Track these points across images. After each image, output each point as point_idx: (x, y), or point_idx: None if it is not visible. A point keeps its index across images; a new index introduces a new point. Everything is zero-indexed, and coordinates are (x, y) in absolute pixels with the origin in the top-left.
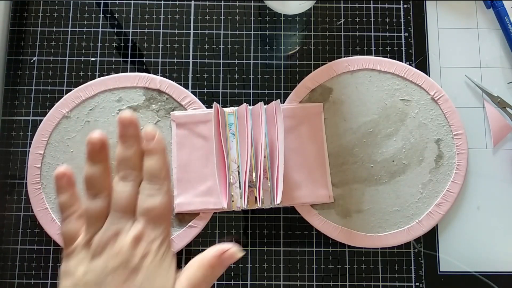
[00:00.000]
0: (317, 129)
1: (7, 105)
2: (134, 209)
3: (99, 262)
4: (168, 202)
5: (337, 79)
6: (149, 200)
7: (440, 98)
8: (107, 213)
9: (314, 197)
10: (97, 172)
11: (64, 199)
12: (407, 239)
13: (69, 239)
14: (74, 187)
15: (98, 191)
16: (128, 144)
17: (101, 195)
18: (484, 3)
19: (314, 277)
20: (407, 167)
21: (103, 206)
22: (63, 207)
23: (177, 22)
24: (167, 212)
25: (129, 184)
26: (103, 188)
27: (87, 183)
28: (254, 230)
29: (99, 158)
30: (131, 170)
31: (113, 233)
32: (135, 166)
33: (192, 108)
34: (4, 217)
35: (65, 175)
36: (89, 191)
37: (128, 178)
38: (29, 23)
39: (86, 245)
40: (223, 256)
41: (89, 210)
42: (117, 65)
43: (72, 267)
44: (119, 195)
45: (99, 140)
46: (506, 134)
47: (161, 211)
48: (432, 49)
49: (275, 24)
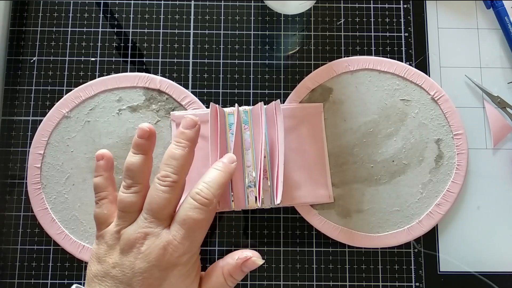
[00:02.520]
0: (317, 129)
1: (7, 105)
2: (168, 215)
3: (127, 259)
4: (210, 219)
5: (337, 79)
6: (192, 212)
7: (440, 98)
8: (139, 209)
9: (314, 197)
10: (137, 162)
11: (98, 180)
12: (407, 239)
13: (101, 222)
14: (110, 171)
15: (135, 182)
16: (183, 145)
17: (136, 188)
18: (484, 3)
19: (314, 277)
20: (407, 167)
21: (137, 201)
22: (97, 187)
23: (177, 22)
24: (205, 228)
25: (168, 190)
26: (140, 180)
27: (126, 172)
28: (254, 230)
29: (143, 148)
30: (174, 174)
31: (143, 234)
32: (182, 170)
33: (192, 108)
34: (4, 217)
35: (104, 156)
36: (126, 179)
37: (167, 181)
38: (29, 23)
39: (116, 234)
40: (244, 264)
41: (123, 201)
42: (117, 65)
43: (103, 253)
44: (155, 198)
45: (148, 129)
46: (506, 134)
47: (201, 225)
48: (432, 49)
49: (275, 24)
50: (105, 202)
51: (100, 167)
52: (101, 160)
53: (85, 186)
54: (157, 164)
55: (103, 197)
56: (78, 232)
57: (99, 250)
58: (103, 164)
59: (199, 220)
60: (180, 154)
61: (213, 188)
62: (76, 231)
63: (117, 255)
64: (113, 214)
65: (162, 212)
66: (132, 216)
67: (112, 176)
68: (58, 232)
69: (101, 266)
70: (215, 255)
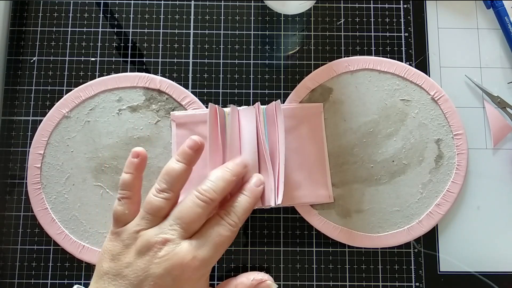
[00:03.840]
0: (317, 129)
1: (7, 105)
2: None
3: (142, 261)
4: (233, 238)
5: (337, 79)
6: (220, 229)
7: (440, 98)
8: (165, 215)
9: (314, 197)
10: (178, 169)
11: (127, 178)
12: (407, 239)
13: (119, 220)
14: (142, 171)
15: (168, 188)
16: (230, 170)
17: (169, 194)
18: (484, 3)
19: (314, 277)
20: (407, 167)
21: (165, 207)
22: (123, 184)
23: (177, 22)
24: (227, 247)
25: (204, 206)
26: (175, 188)
27: (163, 176)
28: (254, 230)
29: (188, 159)
30: (214, 192)
31: (163, 240)
32: (221, 190)
33: (192, 108)
34: (4, 217)
35: (140, 155)
36: (161, 183)
37: (207, 196)
38: (29, 23)
39: (134, 234)
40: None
41: (151, 203)
42: (117, 65)
43: (118, 251)
44: (189, 210)
45: (200, 142)
46: (506, 134)
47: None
48: (432, 49)
49: (275, 24)
50: (128, 202)
51: (133, 164)
52: (136, 158)
53: (85, 186)
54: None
55: (128, 197)
56: (78, 232)
57: (114, 247)
58: (136, 163)
59: (225, 237)
60: (222, 175)
61: (241, 213)
62: (76, 231)
63: (132, 255)
64: (133, 215)
65: (191, 224)
66: (155, 220)
67: (141, 176)
68: (58, 232)
69: (114, 264)
70: None
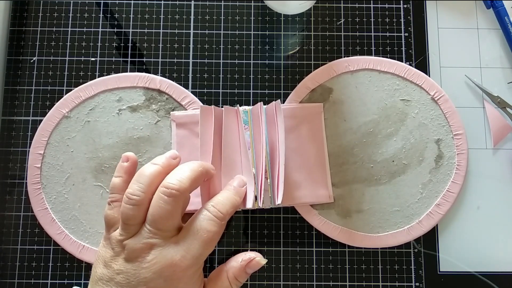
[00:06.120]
0: (317, 129)
1: (7, 105)
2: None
3: (132, 267)
4: (221, 233)
5: (337, 79)
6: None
7: (440, 98)
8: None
9: (314, 197)
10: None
11: (117, 181)
12: (407, 239)
13: (110, 224)
14: (131, 175)
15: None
16: None
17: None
18: (484, 3)
19: (314, 277)
20: (407, 167)
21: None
22: (113, 188)
23: (177, 22)
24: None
25: (169, 201)
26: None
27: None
28: (254, 230)
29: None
30: (177, 185)
31: (148, 245)
32: (188, 182)
33: (192, 108)
34: (4, 217)
35: (129, 159)
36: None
37: (170, 192)
38: (29, 23)
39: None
40: (248, 265)
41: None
42: (117, 65)
43: (108, 258)
44: (157, 210)
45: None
46: (506, 134)
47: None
48: (432, 49)
49: (275, 24)
50: (118, 205)
51: (123, 168)
52: (125, 162)
53: (85, 186)
54: None
55: (117, 200)
56: (78, 232)
57: (105, 254)
58: (126, 166)
59: (212, 232)
60: (187, 165)
61: (227, 206)
62: (76, 231)
63: (122, 262)
64: None
65: (166, 224)
66: (134, 229)
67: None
68: (58, 232)
69: (107, 271)
70: (215, 255)
